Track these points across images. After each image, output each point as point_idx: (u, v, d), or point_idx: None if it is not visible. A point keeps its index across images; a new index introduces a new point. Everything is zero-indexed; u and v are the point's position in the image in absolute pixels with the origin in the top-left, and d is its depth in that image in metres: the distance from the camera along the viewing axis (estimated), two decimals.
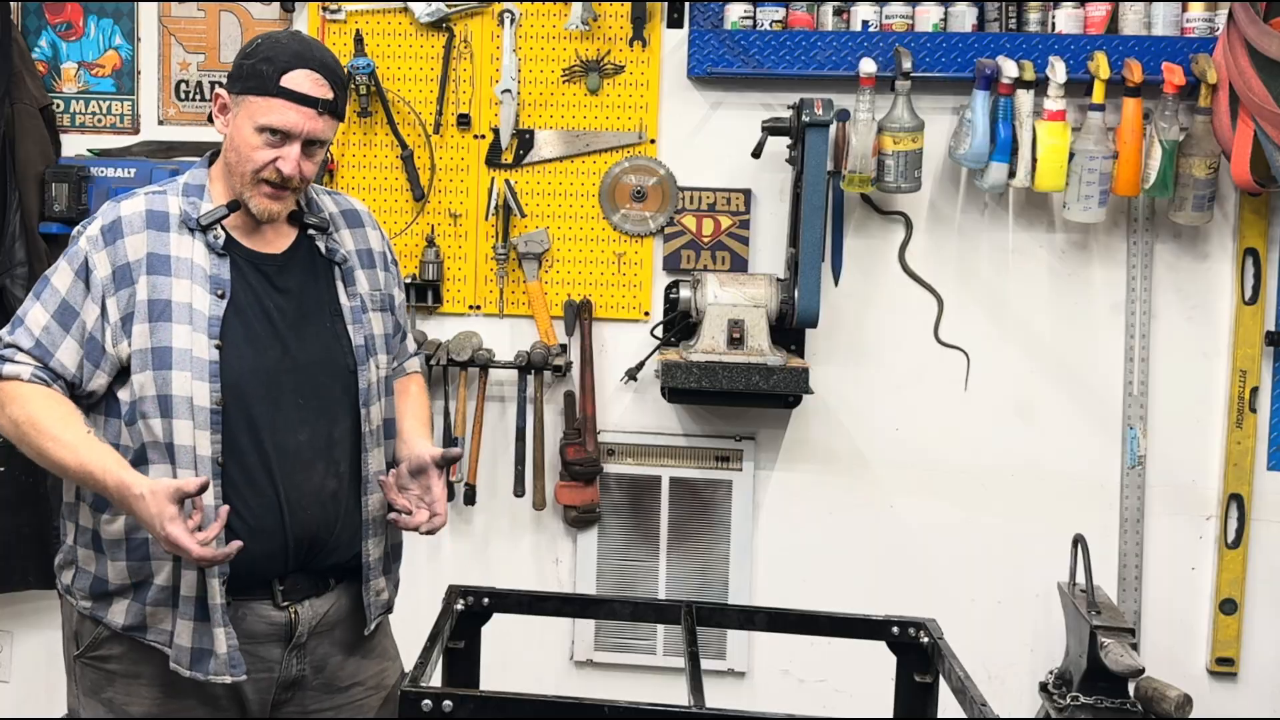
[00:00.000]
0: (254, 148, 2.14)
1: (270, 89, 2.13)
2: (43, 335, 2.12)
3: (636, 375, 3.48)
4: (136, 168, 3.55)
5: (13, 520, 3.50)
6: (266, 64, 2.14)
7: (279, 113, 2.13)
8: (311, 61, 2.16)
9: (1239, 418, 3.37)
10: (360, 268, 2.34)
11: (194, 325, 2.12)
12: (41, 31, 3.66)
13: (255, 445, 2.15)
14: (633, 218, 3.51)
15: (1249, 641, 3.44)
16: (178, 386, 2.09)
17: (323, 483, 2.21)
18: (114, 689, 2.21)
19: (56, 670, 3.64)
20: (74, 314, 2.13)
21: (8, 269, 3.45)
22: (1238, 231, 3.38)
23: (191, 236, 2.17)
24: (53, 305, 2.13)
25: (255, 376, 2.15)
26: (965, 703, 2.13)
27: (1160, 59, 3.20)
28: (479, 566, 3.59)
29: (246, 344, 2.16)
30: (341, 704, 2.32)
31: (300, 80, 2.14)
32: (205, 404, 2.10)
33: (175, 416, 2.09)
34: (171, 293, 2.12)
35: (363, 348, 2.27)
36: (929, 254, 3.47)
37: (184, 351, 2.10)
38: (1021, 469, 3.48)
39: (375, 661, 2.38)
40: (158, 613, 2.15)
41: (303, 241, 2.29)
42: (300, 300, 2.24)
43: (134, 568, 2.14)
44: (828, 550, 3.53)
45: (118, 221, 2.16)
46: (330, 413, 2.23)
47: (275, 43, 2.18)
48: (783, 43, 3.33)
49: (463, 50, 3.51)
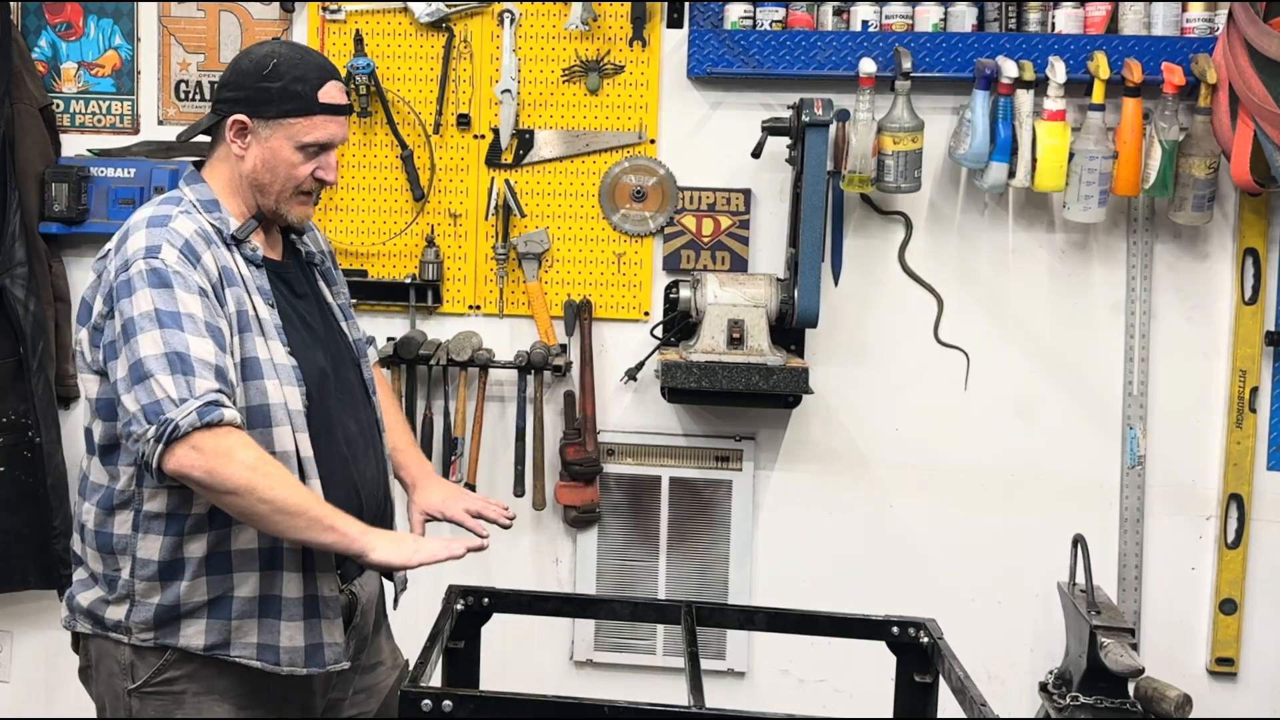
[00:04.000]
0: (295, 164, 2.22)
1: (314, 108, 2.21)
2: (218, 360, 2.05)
3: (636, 375, 3.48)
4: (136, 168, 3.55)
5: (13, 520, 3.50)
6: (300, 84, 2.20)
7: (323, 128, 2.22)
8: (333, 73, 2.28)
9: (1239, 418, 3.37)
10: (333, 268, 2.49)
11: (267, 334, 2.18)
12: (41, 31, 3.66)
13: (331, 442, 2.25)
14: (632, 218, 3.51)
15: (1249, 641, 3.44)
16: (273, 394, 2.15)
17: (375, 469, 2.36)
18: (184, 709, 2.19)
19: (56, 670, 3.63)
20: (220, 332, 2.09)
21: (7, 269, 3.45)
22: (1237, 231, 3.38)
23: (230, 251, 2.21)
24: (204, 329, 2.06)
25: (318, 377, 2.25)
26: (965, 703, 2.13)
27: (1160, 59, 3.20)
28: (479, 566, 3.58)
29: (304, 348, 2.25)
30: (370, 684, 2.43)
31: (333, 93, 2.24)
32: (298, 407, 2.18)
33: (274, 424, 2.14)
34: (247, 305, 2.17)
35: (360, 341, 2.45)
36: (929, 254, 3.47)
37: (269, 360, 2.16)
38: (1021, 469, 3.48)
39: (390, 640, 2.52)
40: (243, 625, 2.16)
41: (289, 246, 2.38)
42: (311, 303, 2.36)
43: (215, 583, 2.15)
44: (827, 550, 3.53)
45: (188, 242, 2.13)
46: (360, 404, 2.37)
47: (293, 61, 2.23)
48: (782, 43, 3.33)
49: (462, 50, 3.51)
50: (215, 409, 2.00)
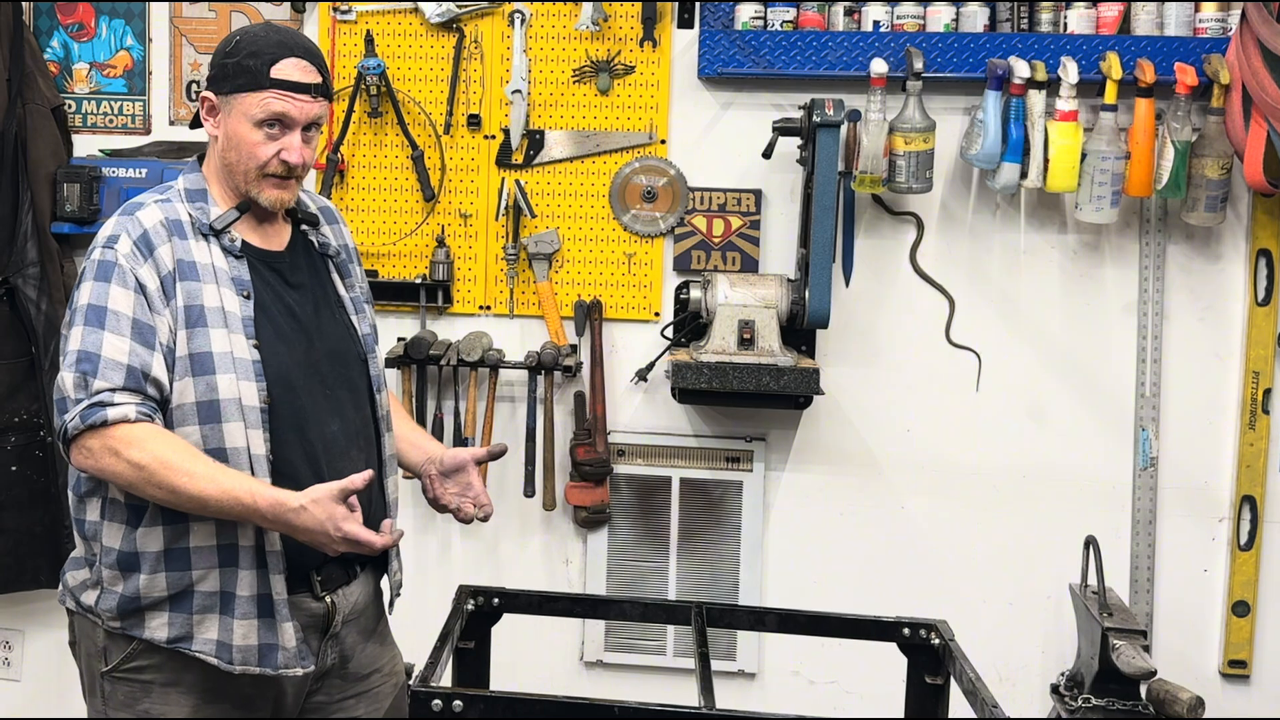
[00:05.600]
0: (255, 143, 2.17)
1: (263, 83, 2.15)
2: (132, 360, 2.06)
3: (647, 376, 3.48)
4: (148, 168, 3.56)
5: (25, 520, 3.51)
6: (253, 59, 2.15)
7: (276, 104, 2.15)
8: (296, 49, 2.19)
9: (1252, 419, 3.36)
10: (349, 261, 2.43)
11: (230, 327, 2.15)
12: (53, 32, 3.67)
13: (300, 439, 2.20)
14: (643, 218, 3.51)
15: (1261, 644, 3.43)
16: (224, 389, 2.12)
17: (358, 469, 2.23)
18: (150, 699, 2.20)
19: (68, 670, 3.65)
20: (150, 329, 2.10)
21: (20, 269, 3.47)
22: (1250, 233, 3.37)
23: (207, 241, 2.19)
24: (127, 327, 2.08)
25: (292, 371, 2.21)
26: (976, 704, 2.13)
27: (1173, 59, 3.19)
28: (489, 567, 3.59)
29: (278, 341, 2.20)
30: (362, 691, 2.37)
31: (289, 69, 2.16)
32: (255, 403, 2.14)
33: (224, 420, 2.12)
34: (203, 298, 2.15)
35: (369, 336, 2.39)
36: (940, 255, 3.47)
37: (225, 354, 2.13)
38: (1033, 470, 3.47)
39: (388, 648, 2.45)
40: (204, 621, 2.15)
41: (298, 237, 2.34)
42: (312, 294, 2.31)
43: (174, 579, 2.14)
44: (838, 551, 3.53)
45: (146, 234, 2.14)
46: (353, 401, 2.31)
47: (255, 37, 2.19)
48: (793, 43, 3.33)
49: (473, 51, 3.52)
50: (98, 410, 2.03)
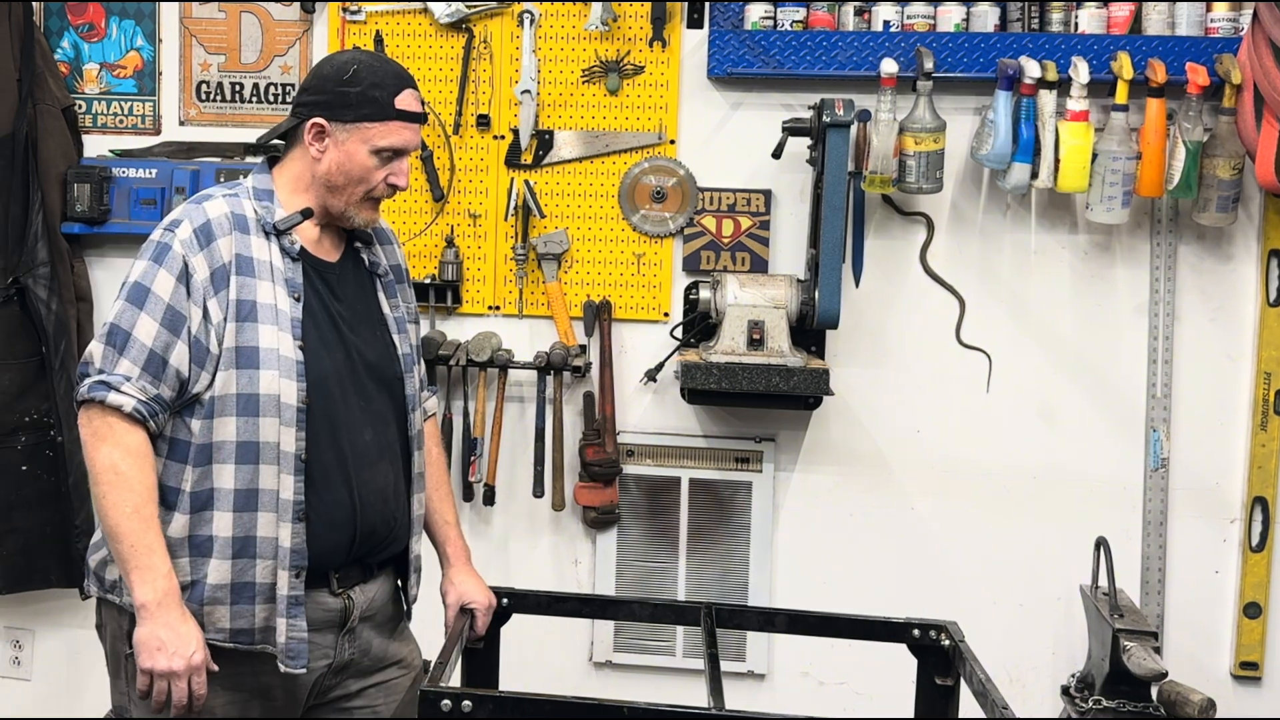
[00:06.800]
0: (370, 168, 2.29)
1: (390, 114, 2.28)
2: (156, 344, 2.15)
3: (656, 376, 3.48)
4: (158, 168, 3.57)
5: (35, 519, 3.52)
6: (378, 90, 2.27)
7: (397, 134, 2.29)
8: (410, 81, 2.34)
9: (1263, 420, 3.35)
10: (397, 282, 2.49)
11: (279, 325, 2.22)
12: (64, 33, 3.68)
13: (333, 443, 2.26)
14: (652, 218, 3.50)
15: (1273, 645, 3.41)
16: (265, 385, 2.19)
17: (386, 481, 2.34)
18: None
19: (78, 668, 3.64)
20: (182, 319, 2.17)
21: (30, 268, 3.47)
22: (1262, 233, 3.36)
23: (267, 240, 2.27)
24: (159, 312, 2.16)
25: (331, 377, 2.27)
26: (986, 706, 2.12)
27: (1184, 59, 3.19)
28: (498, 567, 3.59)
29: (322, 346, 2.27)
30: (380, 682, 2.43)
31: (409, 101, 2.31)
32: (293, 402, 2.20)
33: (262, 414, 2.18)
34: (257, 294, 2.22)
35: (408, 356, 2.44)
36: (950, 255, 3.46)
37: (271, 350, 2.20)
38: (1044, 471, 3.46)
39: (406, 643, 2.52)
40: (215, 611, 2.20)
41: (350, 253, 2.42)
42: (355, 308, 2.38)
43: (194, 564, 2.19)
44: (848, 552, 3.52)
45: (208, 224, 2.22)
46: (385, 415, 2.38)
47: (372, 68, 2.30)
48: (803, 43, 3.32)
49: (482, 51, 3.52)
50: (103, 389, 2.13)
